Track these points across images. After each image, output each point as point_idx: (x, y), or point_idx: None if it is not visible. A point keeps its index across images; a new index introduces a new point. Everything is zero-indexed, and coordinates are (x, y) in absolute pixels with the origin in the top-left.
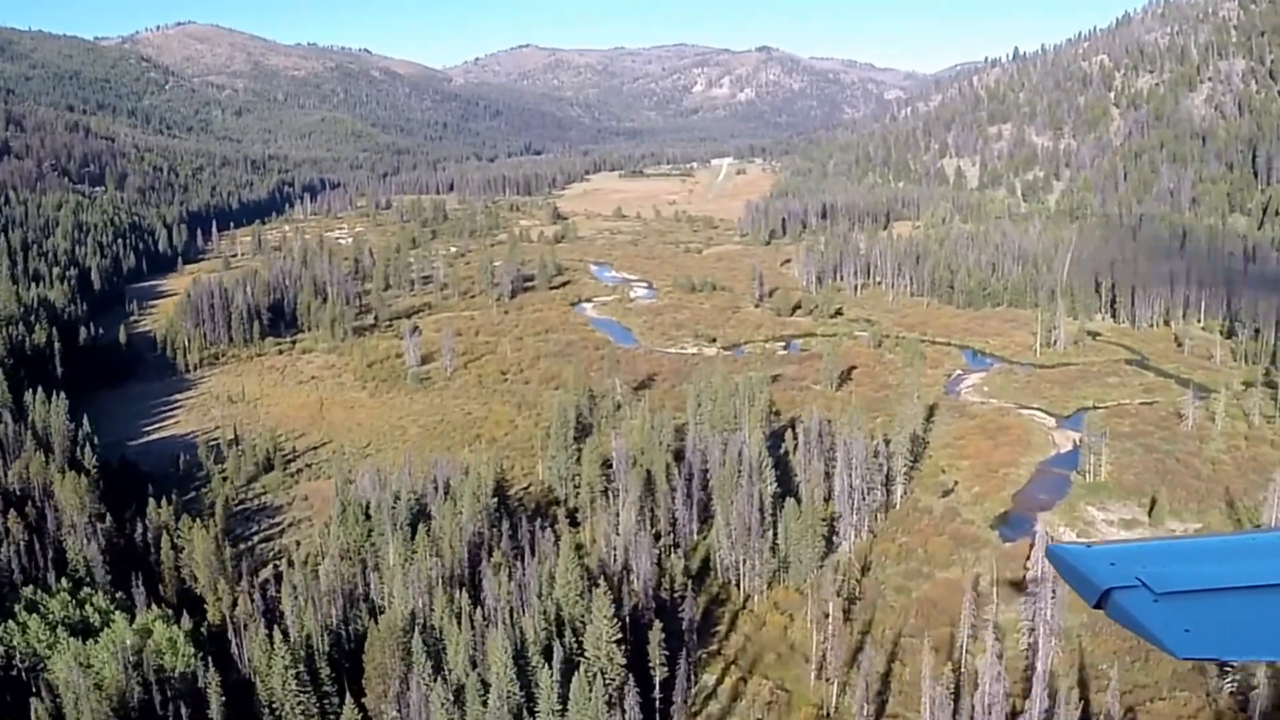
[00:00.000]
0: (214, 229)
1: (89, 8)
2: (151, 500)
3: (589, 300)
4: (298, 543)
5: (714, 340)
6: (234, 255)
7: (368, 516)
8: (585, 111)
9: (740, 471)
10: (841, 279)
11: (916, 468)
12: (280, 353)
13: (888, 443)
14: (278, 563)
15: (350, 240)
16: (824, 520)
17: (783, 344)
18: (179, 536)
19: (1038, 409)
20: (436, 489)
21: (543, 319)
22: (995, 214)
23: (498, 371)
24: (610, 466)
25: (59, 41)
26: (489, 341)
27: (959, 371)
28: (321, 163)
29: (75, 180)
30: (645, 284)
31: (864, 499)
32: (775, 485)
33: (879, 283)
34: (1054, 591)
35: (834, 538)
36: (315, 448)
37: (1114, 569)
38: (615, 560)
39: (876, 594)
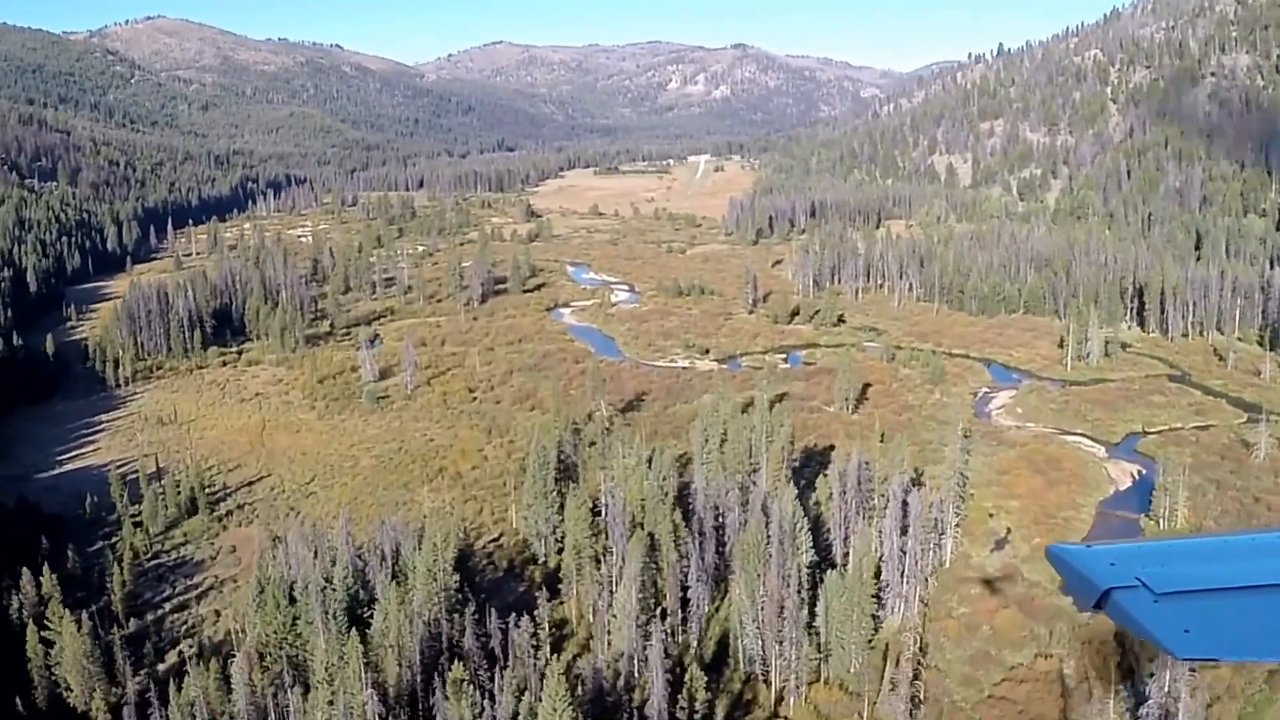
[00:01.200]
0: (169, 227)
1: (57, 1)
2: (26, 571)
3: (566, 305)
4: (217, 613)
5: (707, 352)
6: (189, 254)
7: (292, 601)
8: (559, 108)
9: (768, 537)
10: (840, 282)
11: (961, 511)
12: (224, 364)
13: (920, 481)
14: (188, 644)
15: (312, 239)
16: (873, 595)
17: (783, 356)
18: (49, 625)
19: (1082, 435)
20: (384, 560)
21: (516, 326)
22: (991, 212)
23: (465, 389)
24: (598, 513)
25: (23, 34)
26: (456, 353)
27: (985, 389)
28: (288, 158)
29: (25, 175)
30: (627, 287)
31: (918, 562)
32: (812, 552)
33: (881, 286)
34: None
35: (879, 611)
36: (251, 483)
37: (1114, 569)
38: (608, 648)
39: (940, 690)
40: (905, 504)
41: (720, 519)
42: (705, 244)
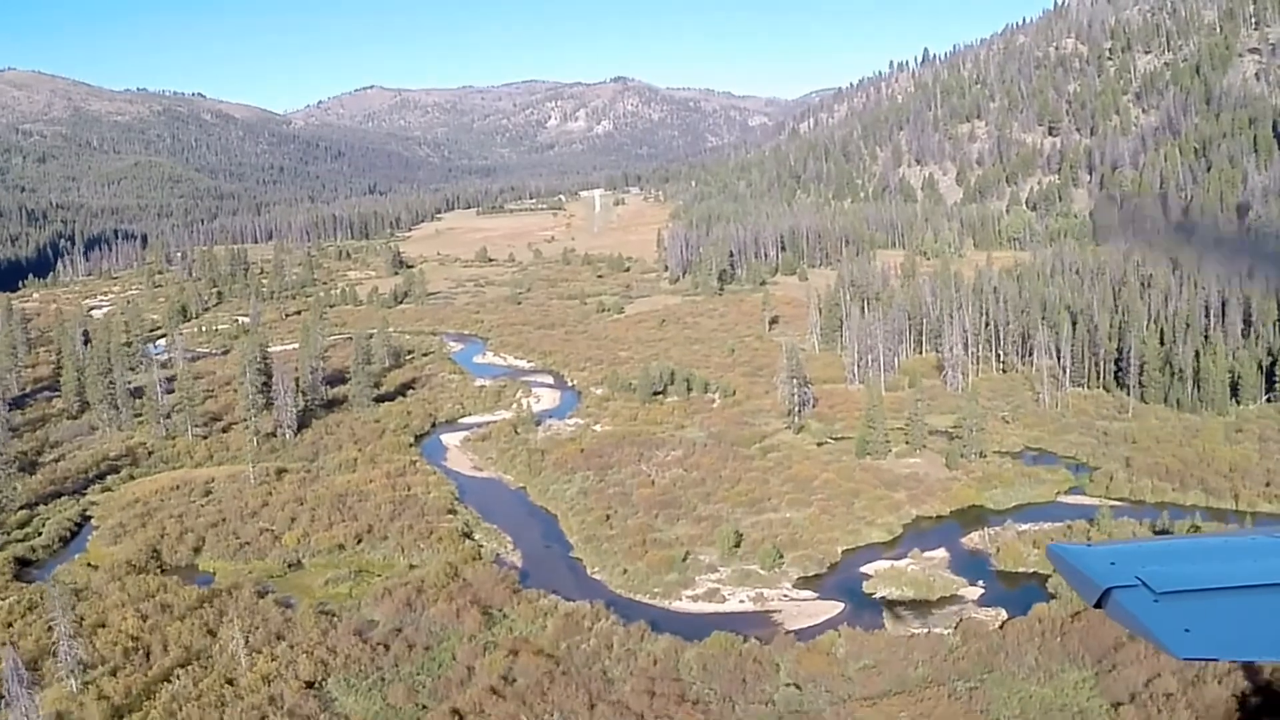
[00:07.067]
0: None
1: None
2: None
3: (452, 424)
4: None
5: (780, 558)
6: None
7: None
8: (434, 151)
9: None
10: (922, 352)
11: None
12: None
13: None
14: None
15: (107, 311)
16: None
17: (940, 551)
18: None
19: None
20: None
21: (355, 495)
22: (1013, 233)
23: None
24: None
25: None
26: (215, 593)
27: None
28: (123, 212)
29: None
30: (551, 377)
31: None
32: None
33: (983, 358)
34: None
35: None
36: None
37: (1114, 568)
38: None
39: None
40: None
41: None
42: (647, 295)
